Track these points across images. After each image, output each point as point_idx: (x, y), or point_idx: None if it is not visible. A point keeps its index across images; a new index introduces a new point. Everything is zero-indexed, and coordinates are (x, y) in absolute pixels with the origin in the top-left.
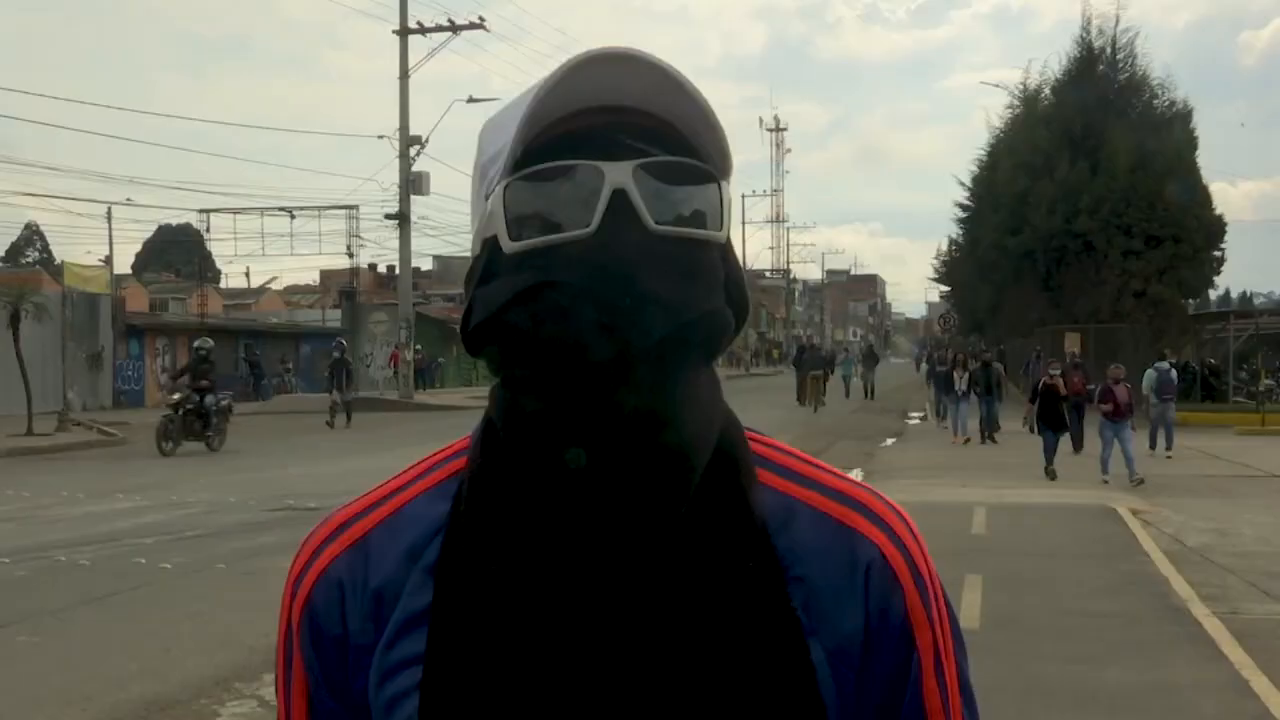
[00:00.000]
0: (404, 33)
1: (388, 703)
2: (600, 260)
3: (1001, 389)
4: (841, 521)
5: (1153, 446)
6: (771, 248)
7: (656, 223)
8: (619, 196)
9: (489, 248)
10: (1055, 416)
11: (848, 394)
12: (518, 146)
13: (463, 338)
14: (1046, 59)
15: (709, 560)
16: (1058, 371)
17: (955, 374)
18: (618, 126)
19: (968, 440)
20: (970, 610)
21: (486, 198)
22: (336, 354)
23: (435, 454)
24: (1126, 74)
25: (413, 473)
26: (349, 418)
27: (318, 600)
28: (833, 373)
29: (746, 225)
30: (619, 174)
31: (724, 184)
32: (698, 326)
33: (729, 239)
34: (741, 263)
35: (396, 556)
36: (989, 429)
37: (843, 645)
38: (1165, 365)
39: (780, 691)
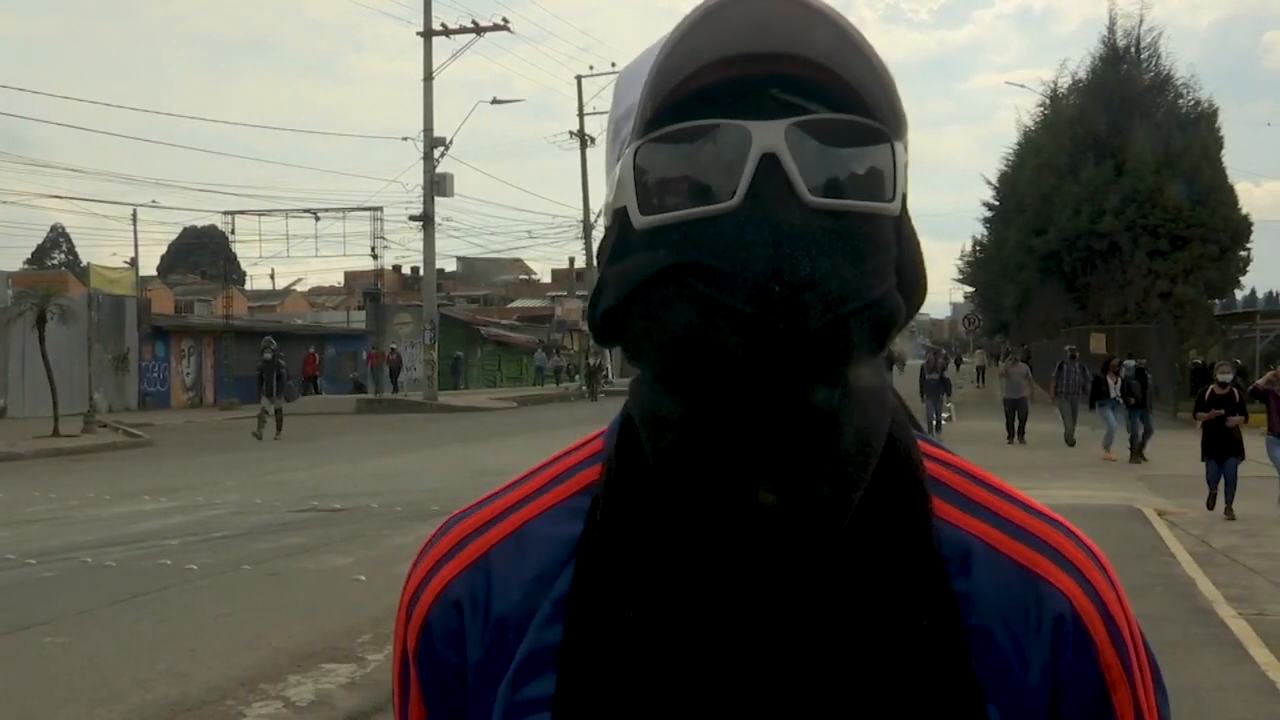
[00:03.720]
0: (428, 34)
1: None
2: (746, 238)
3: (1152, 398)
4: (1026, 566)
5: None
6: None
7: (814, 192)
8: (769, 161)
9: (620, 220)
10: (1227, 440)
11: None
12: (648, 104)
13: (590, 325)
14: (1080, 59)
15: (880, 601)
16: (1228, 377)
17: (1109, 380)
18: (768, 78)
19: (1114, 457)
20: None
21: (618, 161)
22: (267, 355)
23: (562, 458)
24: (1151, 73)
25: (538, 481)
26: (279, 426)
27: (435, 623)
28: None
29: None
30: (769, 135)
31: (898, 145)
32: (862, 315)
33: (905, 210)
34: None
35: (523, 582)
36: (1141, 443)
37: (1024, 706)
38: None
39: None
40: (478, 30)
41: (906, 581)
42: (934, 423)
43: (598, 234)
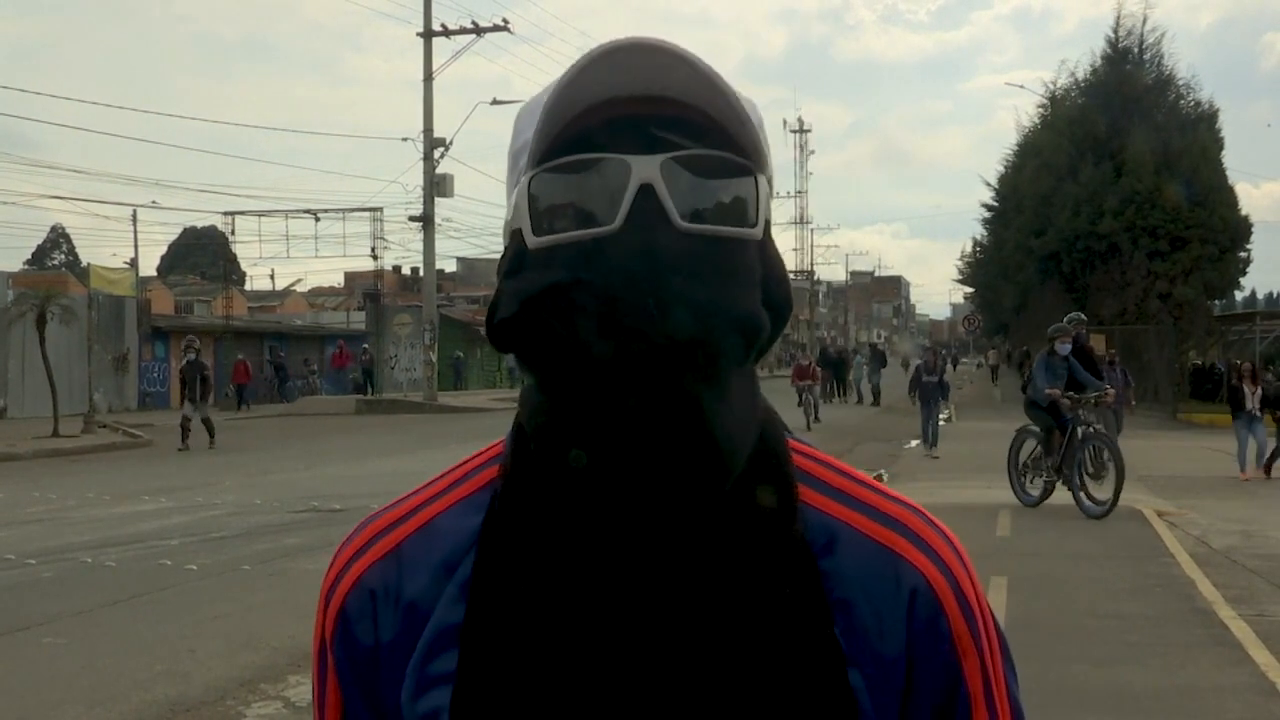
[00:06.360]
0: (428, 35)
1: (420, 718)
2: (625, 259)
3: None
4: (886, 546)
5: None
6: (795, 249)
7: (686, 219)
8: (646, 192)
9: (516, 240)
10: None
11: (860, 398)
12: (540, 139)
13: (488, 332)
14: (1079, 60)
15: (751, 579)
16: None
17: (1246, 389)
18: (650, 118)
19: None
20: (994, 612)
21: (515, 188)
22: (190, 356)
23: (468, 461)
24: (1152, 74)
25: (444, 482)
26: (211, 435)
27: (351, 609)
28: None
29: (771, 227)
30: (647, 168)
31: (760, 177)
32: (727, 328)
33: (769, 235)
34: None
35: (431, 568)
36: (1271, 458)
37: (884, 673)
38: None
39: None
40: (478, 31)
41: (775, 559)
42: (930, 428)
43: None
